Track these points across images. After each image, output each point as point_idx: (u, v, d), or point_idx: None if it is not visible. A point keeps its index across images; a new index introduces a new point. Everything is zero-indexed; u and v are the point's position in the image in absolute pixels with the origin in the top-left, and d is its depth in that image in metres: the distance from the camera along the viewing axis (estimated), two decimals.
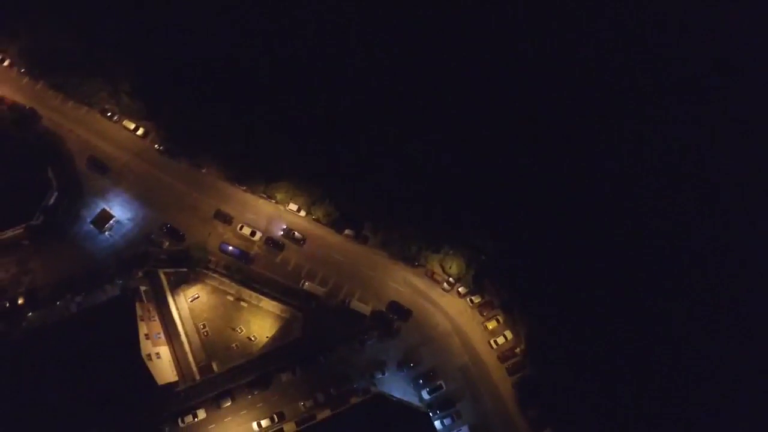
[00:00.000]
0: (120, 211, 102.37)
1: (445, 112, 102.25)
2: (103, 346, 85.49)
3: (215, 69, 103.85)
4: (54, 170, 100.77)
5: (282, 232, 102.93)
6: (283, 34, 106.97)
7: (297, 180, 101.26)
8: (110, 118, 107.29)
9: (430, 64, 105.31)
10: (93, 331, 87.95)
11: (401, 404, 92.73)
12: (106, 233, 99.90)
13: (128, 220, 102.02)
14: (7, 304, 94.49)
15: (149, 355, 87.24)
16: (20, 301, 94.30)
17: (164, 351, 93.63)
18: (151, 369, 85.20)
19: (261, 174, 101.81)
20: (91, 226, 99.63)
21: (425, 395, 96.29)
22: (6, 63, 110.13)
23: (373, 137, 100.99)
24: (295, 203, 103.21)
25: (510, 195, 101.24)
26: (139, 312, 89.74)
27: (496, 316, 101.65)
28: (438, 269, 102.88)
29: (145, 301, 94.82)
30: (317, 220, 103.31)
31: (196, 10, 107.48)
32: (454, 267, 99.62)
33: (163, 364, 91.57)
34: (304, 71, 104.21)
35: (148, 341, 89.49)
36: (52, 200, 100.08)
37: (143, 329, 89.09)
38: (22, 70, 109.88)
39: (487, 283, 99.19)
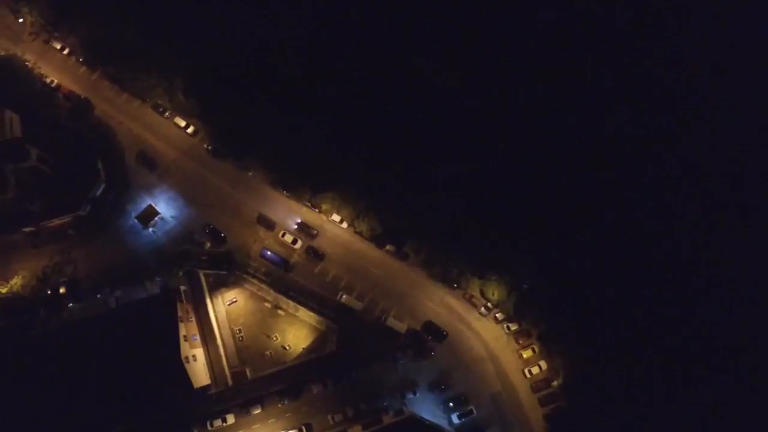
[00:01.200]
0: (165, 207, 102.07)
1: (504, 138, 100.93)
2: (142, 344, 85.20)
3: (270, 74, 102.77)
4: (103, 162, 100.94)
5: (296, 226, 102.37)
6: (342, 46, 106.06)
7: (344, 192, 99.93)
8: (162, 113, 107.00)
9: (488, 86, 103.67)
10: (133, 327, 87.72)
11: (434, 428, 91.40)
12: (150, 229, 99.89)
13: (172, 217, 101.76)
14: (49, 292, 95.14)
15: (186, 358, 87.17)
16: (62, 291, 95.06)
17: (199, 353, 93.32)
18: (188, 371, 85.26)
19: (308, 182, 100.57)
20: (136, 221, 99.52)
21: (455, 419, 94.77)
22: (66, 51, 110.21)
23: (426, 156, 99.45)
24: (339, 214, 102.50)
25: (559, 226, 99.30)
26: (178, 312, 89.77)
27: (532, 345, 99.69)
28: (477, 293, 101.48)
29: (184, 302, 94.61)
30: (359, 233, 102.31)
31: (258, 13, 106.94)
32: (495, 293, 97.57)
33: (198, 367, 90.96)
34: (361, 85, 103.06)
35: (186, 343, 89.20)
36: (99, 192, 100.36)
37: (182, 330, 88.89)
38: (80, 60, 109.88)
39: (526, 312, 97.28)
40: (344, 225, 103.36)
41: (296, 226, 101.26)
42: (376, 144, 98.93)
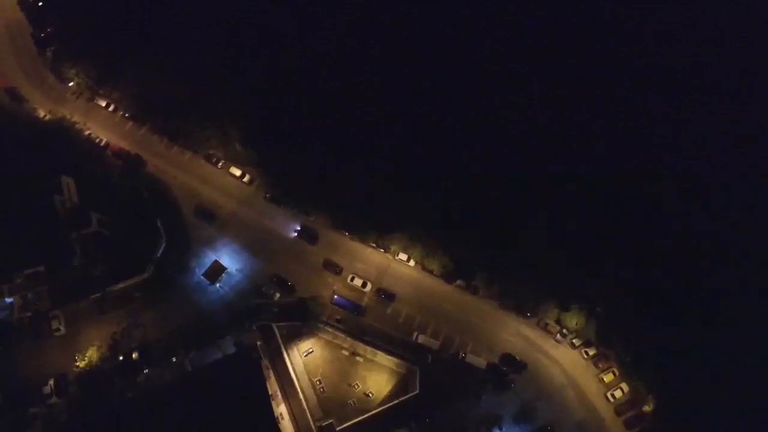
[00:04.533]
0: (228, 261, 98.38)
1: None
2: (228, 408, 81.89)
3: (327, 118, 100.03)
4: (162, 220, 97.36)
5: (296, 233, 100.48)
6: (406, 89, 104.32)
7: (411, 231, 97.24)
8: (215, 164, 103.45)
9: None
10: (216, 390, 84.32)
11: None
12: (217, 285, 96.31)
13: (237, 270, 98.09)
14: (121, 358, 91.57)
15: (276, 417, 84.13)
16: (135, 356, 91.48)
17: (283, 410, 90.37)
18: None
19: (373, 224, 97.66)
20: (202, 277, 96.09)
21: None
22: (111, 108, 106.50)
23: (496, 188, 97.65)
24: (408, 254, 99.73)
25: (628, 245, 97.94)
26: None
27: (612, 368, 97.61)
28: (552, 321, 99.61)
29: (262, 357, 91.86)
30: (429, 271, 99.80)
31: (311, 60, 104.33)
32: (573, 320, 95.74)
33: (284, 425, 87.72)
34: (425, 125, 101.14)
35: (273, 402, 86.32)
36: (160, 251, 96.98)
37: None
38: (127, 115, 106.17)
39: (611, 337, 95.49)
40: (411, 263, 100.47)
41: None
42: (442, 182, 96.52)
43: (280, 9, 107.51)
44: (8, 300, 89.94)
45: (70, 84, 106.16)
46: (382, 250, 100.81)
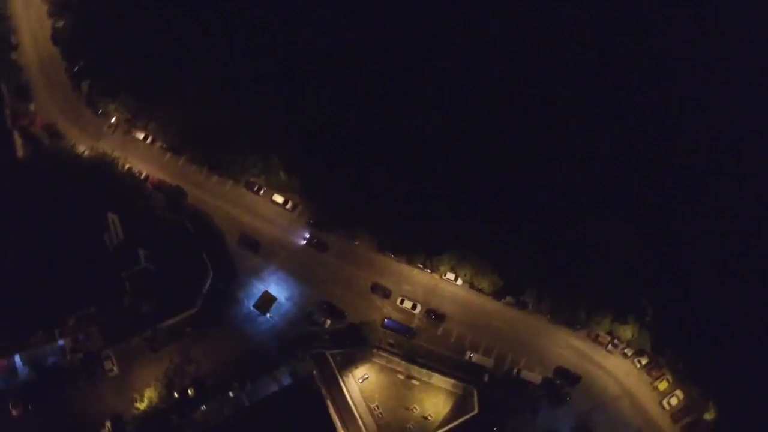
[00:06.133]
0: (276, 289, 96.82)
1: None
2: None
3: (370, 139, 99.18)
4: (208, 252, 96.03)
5: (305, 241, 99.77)
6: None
7: (460, 251, 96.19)
8: (257, 192, 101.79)
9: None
10: (278, 424, 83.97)
11: None
12: (267, 315, 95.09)
13: (286, 299, 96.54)
14: (176, 395, 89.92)
15: None
16: (190, 393, 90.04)
17: None
18: None
19: (420, 245, 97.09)
20: (252, 308, 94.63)
21: None
22: (149, 140, 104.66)
23: (545, 204, 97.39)
24: (457, 273, 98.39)
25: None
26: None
27: (665, 376, 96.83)
28: (603, 332, 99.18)
29: (319, 387, 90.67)
30: (478, 289, 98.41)
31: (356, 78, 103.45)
32: (628, 331, 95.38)
33: None
34: (469, 144, 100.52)
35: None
36: (208, 284, 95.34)
37: None
38: (164, 146, 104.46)
39: (665, 347, 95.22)
40: (459, 282, 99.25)
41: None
42: (489, 200, 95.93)
43: (322, 32, 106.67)
44: (60, 343, 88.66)
45: (108, 118, 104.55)
46: (428, 271, 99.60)
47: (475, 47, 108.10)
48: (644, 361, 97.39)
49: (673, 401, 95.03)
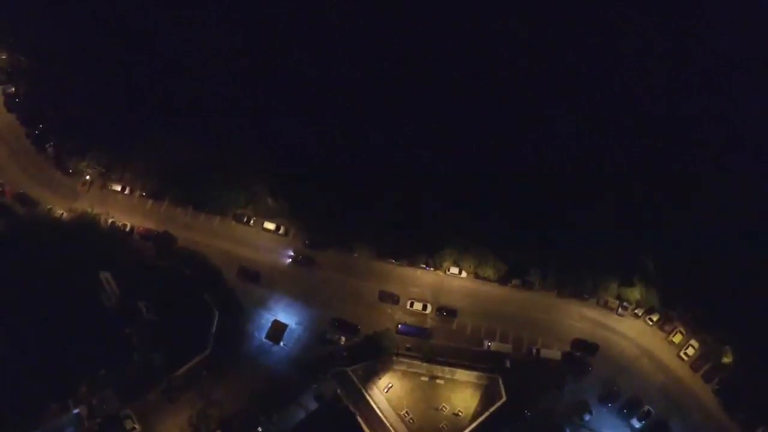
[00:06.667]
0: (284, 316, 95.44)
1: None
2: None
3: (351, 150, 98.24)
4: (209, 292, 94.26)
5: (290, 260, 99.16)
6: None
7: (460, 244, 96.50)
8: (246, 222, 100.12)
9: None
10: None
11: None
12: (281, 343, 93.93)
13: (297, 324, 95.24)
14: None
15: None
16: None
17: None
18: None
19: (420, 246, 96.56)
20: (264, 339, 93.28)
21: (636, 424, 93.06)
22: (126, 191, 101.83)
23: (535, 184, 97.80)
24: (459, 266, 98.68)
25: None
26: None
27: (677, 328, 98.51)
28: (611, 297, 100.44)
29: (346, 405, 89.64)
30: (483, 278, 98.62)
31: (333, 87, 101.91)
32: (636, 293, 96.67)
33: None
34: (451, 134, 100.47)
35: None
36: (215, 324, 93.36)
37: None
38: (143, 194, 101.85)
39: (667, 301, 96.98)
40: (463, 275, 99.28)
41: None
42: (481, 189, 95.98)
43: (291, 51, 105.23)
44: (75, 411, 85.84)
45: (80, 176, 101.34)
46: (432, 269, 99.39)
47: (452, 40, 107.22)
48: (655, 318, 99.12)
49: (690, 351, 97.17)
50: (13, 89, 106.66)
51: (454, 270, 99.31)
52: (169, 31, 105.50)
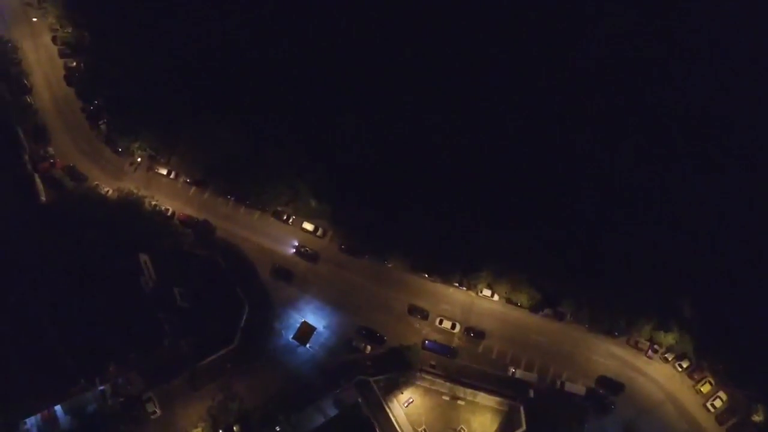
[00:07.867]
0: (313, 318, 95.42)
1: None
2: None
3: (398, 161, 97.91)
4: (241, 286, 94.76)
5: (294, 250, 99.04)
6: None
7: (496, 267, 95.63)
8: (285, 221, 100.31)
9: None
10: None
11: None
12: (307, 345, 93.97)
13: (324, 327, 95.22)
14: None
15: None
16: (236, 429, 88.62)
17: None
18: None
19: (455, 264, 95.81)
20: (291, 339, 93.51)
21: None
22: (172, 175, 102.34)
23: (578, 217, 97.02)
24: (494, 290, 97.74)
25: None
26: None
27: (707, 378, 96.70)
28: (642, 338, 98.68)
29: (366, 415, 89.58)
30: (515, 303, 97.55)
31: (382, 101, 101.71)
32: (670, 338, 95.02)
33: None
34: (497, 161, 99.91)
35: None
36: (244, 318, 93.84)
37: None
38: (188, 181, 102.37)
39: (707, 351, 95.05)
40: (495, 298, 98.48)
41: None
42: (521, 215, 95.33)
43: (342, 53, 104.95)
44: (100, 388, 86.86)
45: (128, 156, 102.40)
46: (464, 289, 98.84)
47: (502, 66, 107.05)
48: (685, 365, 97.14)
49: (717, 403, 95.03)
50: (75, 63, 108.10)
51: (487, 292, 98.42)
52: (239, 24, 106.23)
